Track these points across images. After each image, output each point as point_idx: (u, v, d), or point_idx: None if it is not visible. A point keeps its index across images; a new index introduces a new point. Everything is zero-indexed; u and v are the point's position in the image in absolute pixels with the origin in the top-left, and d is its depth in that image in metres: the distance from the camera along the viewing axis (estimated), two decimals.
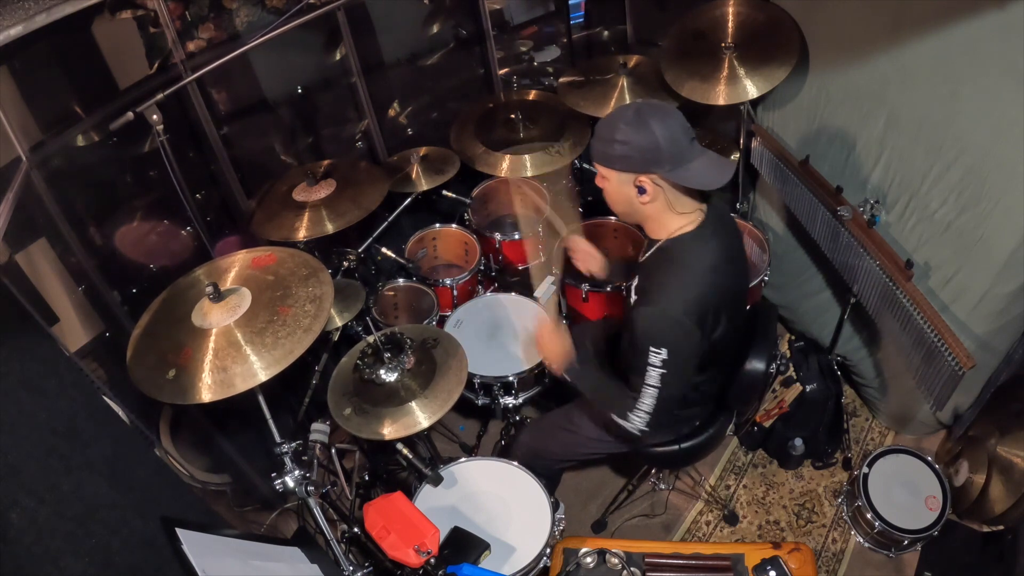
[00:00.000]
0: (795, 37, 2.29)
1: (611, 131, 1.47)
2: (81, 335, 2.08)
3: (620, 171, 1.50)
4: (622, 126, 1.45)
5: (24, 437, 1.18)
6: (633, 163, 1.47)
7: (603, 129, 1.50)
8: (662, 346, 1.50)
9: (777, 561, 1.65)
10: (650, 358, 1.52)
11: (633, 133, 1.44)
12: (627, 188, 1.52)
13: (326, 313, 1.53)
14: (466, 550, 1.64)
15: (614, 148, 1.47)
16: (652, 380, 1.55)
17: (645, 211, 1.56)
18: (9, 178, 1.76)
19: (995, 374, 2.18)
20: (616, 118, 1.47)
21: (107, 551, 1.21)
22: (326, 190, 2.25)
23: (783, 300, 2.78)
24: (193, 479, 2.34)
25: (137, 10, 2.13)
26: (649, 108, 1.46)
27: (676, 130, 1.44)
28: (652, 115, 1.44)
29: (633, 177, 1.49)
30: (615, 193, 1.56)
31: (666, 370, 1.52)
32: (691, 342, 1.52)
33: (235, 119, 2.57)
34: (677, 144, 1.44)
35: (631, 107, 1.48)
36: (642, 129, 1.43)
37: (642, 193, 1.50)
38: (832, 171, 2.26)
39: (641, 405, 1.60)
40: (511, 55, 3.32)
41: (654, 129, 1.42)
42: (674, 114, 1.46)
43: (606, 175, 1.54)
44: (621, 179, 1.51)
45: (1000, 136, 1.75)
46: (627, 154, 1.46)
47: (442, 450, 2.41)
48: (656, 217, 1.57)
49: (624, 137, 1.45)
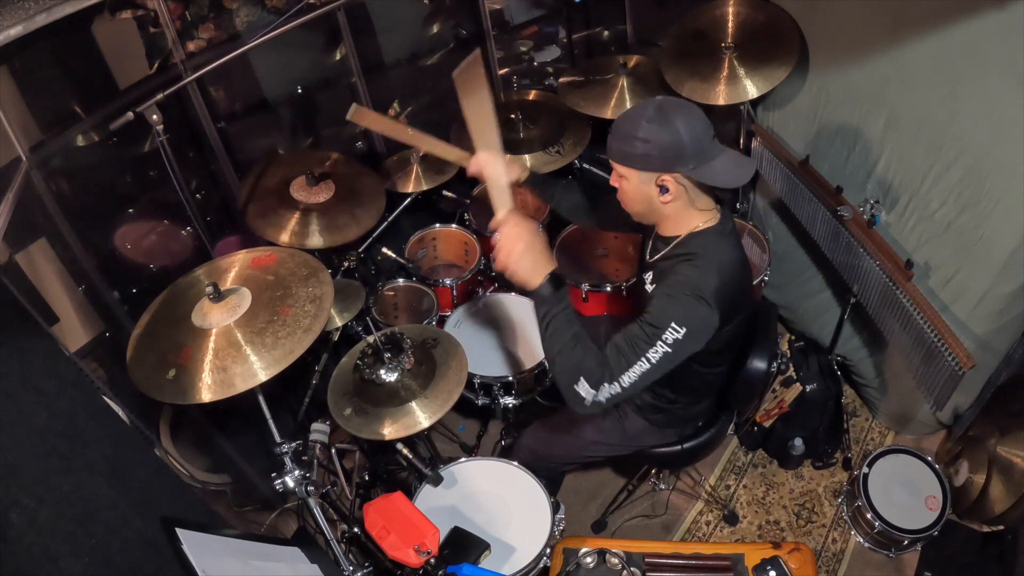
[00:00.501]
0: (795, 37, 2.29)
1: (632, 129, 1.42)
2: (81, 335, 2.08)
3: (641, 170, 1.45)
4: (644, 123, 1.40)
5: (24, 437, 1.18)
6: (655, 162, 1.42)
7: (623, 127, 1.45)
8: (684, 325, 1.40)
9: (777, 561, 1.65)
10: (665, 334, 1.40)
11: (656, 131, 1.39)
12: (648, 188, 1.47)
13: (326, 313, 1.53)
14: (466, 550, 1.64)
15: (636, 146, 1.42)
16: (653, 356, 1.41)
17: (665, 210, 1.52)
18: (9, 178, 1.76)
19: (995, 374, 2.18)
20: (637, 115, 1.43)
21: (107, 551, 1.21)
22: (324, 194, 2.20)
23: (783, 300, 2.78)
24: (193, 479, 2.33)
25: (137, 10, 2.13)
26: (671, 105, 1.42)
27: (699, 127, 1.40)
28: (675, 112, 1.40)
29: (655, 176, 1.45)
30: (635, 192, 1.50)
31: (671, 350, 1.41)
32: (709, 330, 1.46)
33: (235, 119, 2.57)
34: (700, 142, 1.40)
35: (652, 104, 1.42)
36: (665, 127, 1.39)
37: (664, 192, 1.46)
38: (832, 171, 2.26)
39: (622, 378, 1.42)
40: (511, 55, 3.32)
41: (678, 127, 1.38)
42: (696, 111, 1.43)
43: (625, 174, 1.49)
44: (642, 178, 1.46)
45: (1000, 136, 1.75)
46: (650, 152, 1.41)
47: (442, 450, 2.41)
48: (675, 216, 1.53)
49: (646, 135, 1.40)
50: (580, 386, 1.42)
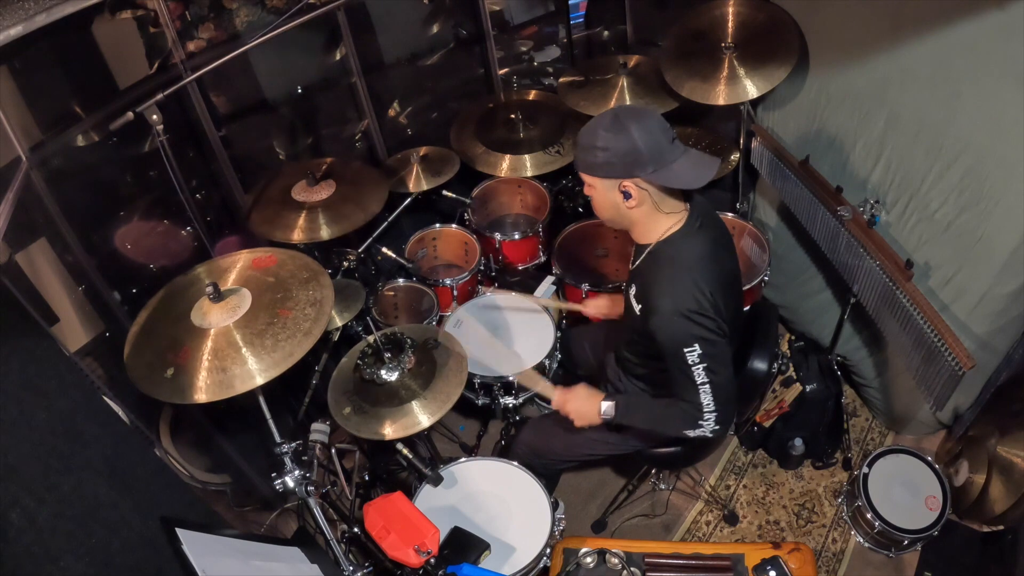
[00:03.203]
0: (795, 37, 2.29)
1: (591, 139, 1.49)
2: (81, 335, 2.08)
3: (604, 178, 1.52)
4: (601, 132, 1.46)
5: (24, 437, 1.18)
6: (616, 169, 1.48)
7: (584, 138, 1.52)
8: (692, 343, 1.49)
9: (777, 561, 1.65)
10: (688, 359, 1.51)
11: (612, 139, 1.45)
12: (613, 194, 1.53)
13: (326, 317, 1.53)
14: (466, 550, 1.64)
15: (596, 155, 1.48)
16: (701, 378, 1.53)
17: (632, 216, 1.57)
18: (9, 178, 1.76)
19: (995, 374, 2.18)
20: (595, 126, 1.49)
21: (107, 551, 1.21)
22: (326, 192, 2.24)
23: (783, 300, 2.78)
24: (193, 479, 2.33)
25: (137, 10, 2.13)
26: (626, 112, 1.48)
27: (655, 131, 1.45)
28: (629, 119, 1.45)
29: (617, 183, 1.50)
30: (602, 200, 1.57)
31: (707, 362, 1.51)
32: (713, 326, 1.52)
33: (235, 119, 2.57)
34: (657, 145, 1.45)
35: (609, 113, 1.49)
36: (620, 133, 1.44)
37: (628, 198, 1.51)
38: (832, 171, 2.26)
39: (706, 407, 1.57)
40: (511, 55, 3.32)
41: (632, 132, 1.43)
42: (651, 116, 1.47)
43: (591, 183, 1.55)
44: (606, 186, 1.53)
45: (1000, 136, 1.75)
46: (609, 160, 1.47)
47: (442, 450, 2.41)
48: (643, 221, 1.58)
49: (604, 143, 1.46)
50: (691, 432, 1.63)
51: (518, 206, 3.00)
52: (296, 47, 2.61)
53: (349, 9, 2.56)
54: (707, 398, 1.56)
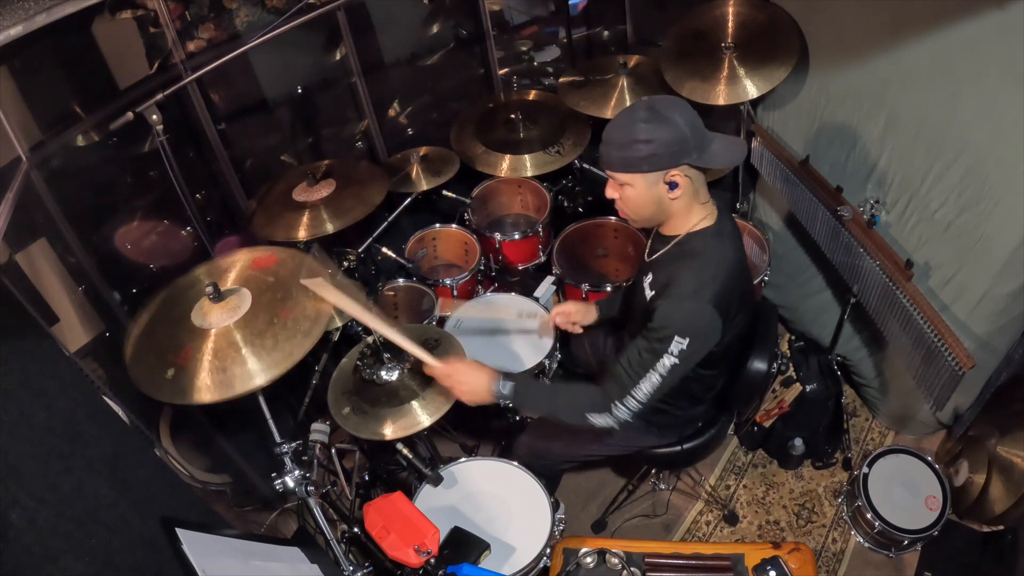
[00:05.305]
0: (795, 37, 2.29)
1: (630, 134, 1.43)
2: (81, 335, 2.08)
3: (649, 171, 1.46)
4: (641, 125, 1.41)
5: (24, 437, 1.18)
6: (662, 160, 1.43)
7: (618, 135, 1.46)
8: (687, 335, 1.45)
9: (777, 561, 1.65)
10: (671, 346, 1.45)
11: (655, 129, 1.41)
12: (657, 188, 1.48)
13: (326, 317, 1.53)
14: (466, 550, 1.64)
15: (638, 150, 1.43)
16: (662, 369, 1.48)
17: (673, 207, 1.53)
18: (9, 178, 1.76)
19: (995, 374, 2.18)
20: (630, 120, 1.44)
21: (107, 551, 1.21)
22: (326, 190, 2.25)
23: (783, 300, 2.78)
24: (193, 479, 2.33)
25: (137, 10, 2.13)
26: (661, 102, 1.44)
27: (693, 116, 1.44)
28: (668, 108, 1.42)
29: (663, 174, 1.46)
30: (642, 197, 1.50)
31: (679, 360, 1.47)
32: (714, 335, 1.49)
33: (235, 119, 2.57)
34: (699, 129, 1.44)
35: (641, 106, 1.44)
36: (663, 123, 1.41)
37: (673, 188, 1.47)
38: (832, 171, 2.26)
39: (636, 393, 1.51)
40: (511, 55, 3.32)
41: (676, 120, 1.41)
42: (685, 103, 1.47)
43: (630, 181, 1.48)
44: (650, 180, 1.47)
45: (1000, 136, 1.75)
46: (655, 152, 1.42)
47: (442, 450, 2.41)
48: (681, 212, 1.55)
49: (647, 136, 1.41)
50: (592, 419, 1.57)
51: (518, 206, 3.00)
52: (296, 47, 2.61)
53: (349, 9, 2.56)
54: (645, 388, 1.50)
